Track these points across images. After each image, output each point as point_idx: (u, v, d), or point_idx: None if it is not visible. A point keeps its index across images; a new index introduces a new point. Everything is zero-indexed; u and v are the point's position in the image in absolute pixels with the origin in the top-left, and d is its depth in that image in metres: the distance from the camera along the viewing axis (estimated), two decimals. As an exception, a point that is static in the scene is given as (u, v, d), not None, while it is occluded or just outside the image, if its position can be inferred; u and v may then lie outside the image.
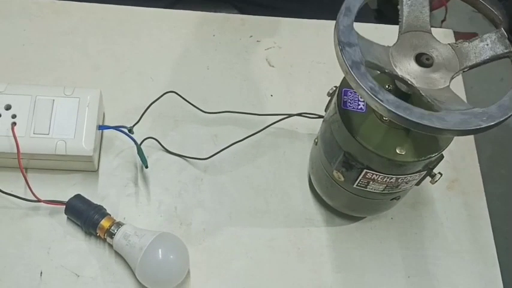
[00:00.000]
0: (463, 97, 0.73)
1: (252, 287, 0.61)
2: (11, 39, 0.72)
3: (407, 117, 0.42)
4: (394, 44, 0.49)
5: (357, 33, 0.46)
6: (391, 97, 0.43)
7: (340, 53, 0.45)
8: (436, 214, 0.67)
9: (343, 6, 0.47)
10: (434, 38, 0.49)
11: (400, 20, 0.49)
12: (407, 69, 0.47)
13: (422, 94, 0.46)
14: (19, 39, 0.72)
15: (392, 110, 0.43)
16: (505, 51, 0.47)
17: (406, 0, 0.49)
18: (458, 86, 0.73)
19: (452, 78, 0.47)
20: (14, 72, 0.69)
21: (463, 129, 0.43)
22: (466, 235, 0.66)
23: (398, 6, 0.50)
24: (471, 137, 0.72)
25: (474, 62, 0.48)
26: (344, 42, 0.45)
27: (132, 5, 0.76)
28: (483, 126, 0.43)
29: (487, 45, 0.47)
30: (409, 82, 0.47)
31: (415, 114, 0.43)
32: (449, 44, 0.49)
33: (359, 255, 0.64)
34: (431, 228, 0.66)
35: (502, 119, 0.43)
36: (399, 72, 0.47)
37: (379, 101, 0.43)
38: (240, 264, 0.62)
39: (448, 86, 0.47)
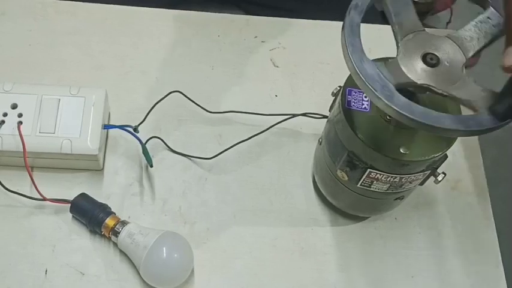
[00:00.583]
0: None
1: (256, 285, 0.61)
2: (17, 39, 0.72)
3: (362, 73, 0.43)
4: (430, 31, 0.47)
5: None
6: (370, 65, 0.43)
7: None
8: (440, 214, 0.67)
9: None
10: (466, 63, 0.46)
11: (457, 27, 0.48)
12: (409, 47, 0.46)
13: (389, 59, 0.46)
14: (25, 39, 0.72)
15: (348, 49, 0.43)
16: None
17: (478, 20, 0.47)
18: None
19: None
20: (19, 71, 0.70)
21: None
22: (470, 236, 0.66)
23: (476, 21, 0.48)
24: (475, 138, 0.71)
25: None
26: None
27: (135, 6, 0.76)
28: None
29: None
30: (398, 48, 0.46)
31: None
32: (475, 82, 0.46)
33: (362, 255, 0.64)
34: (435, 229, 0.66)
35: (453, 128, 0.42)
36: (400, 39, 0.46)
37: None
38: (244, 263, 0.62)
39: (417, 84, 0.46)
